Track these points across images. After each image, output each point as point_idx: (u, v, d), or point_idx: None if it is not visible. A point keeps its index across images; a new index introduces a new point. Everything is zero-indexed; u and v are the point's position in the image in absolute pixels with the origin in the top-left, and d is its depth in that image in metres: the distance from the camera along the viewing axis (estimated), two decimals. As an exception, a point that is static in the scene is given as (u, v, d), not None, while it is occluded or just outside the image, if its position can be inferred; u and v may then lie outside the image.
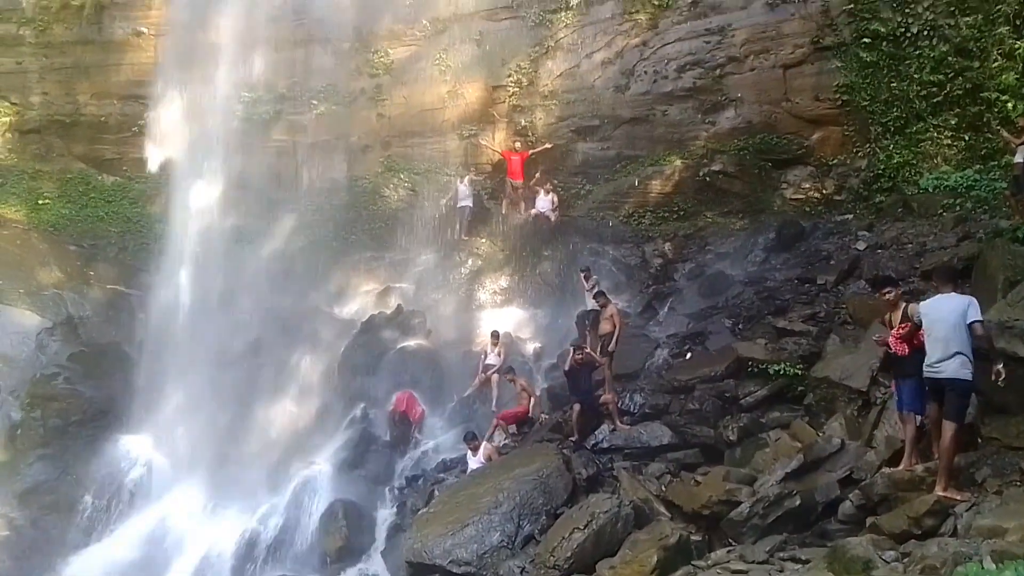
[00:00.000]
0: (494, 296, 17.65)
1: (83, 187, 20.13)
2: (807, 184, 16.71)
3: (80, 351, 16.58)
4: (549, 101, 18.52)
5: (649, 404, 11.84)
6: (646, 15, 17.73)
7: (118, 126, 20.30)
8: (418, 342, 16.33)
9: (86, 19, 20.15)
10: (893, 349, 8.02)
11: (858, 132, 16.32)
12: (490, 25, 18.91)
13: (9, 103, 20.49)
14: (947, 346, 7.23)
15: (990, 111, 14.85)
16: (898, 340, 7.92)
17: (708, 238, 16.95)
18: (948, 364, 7.20)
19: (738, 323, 13.40)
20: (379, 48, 19.39)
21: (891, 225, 14.74)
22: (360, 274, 18.47)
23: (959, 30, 15.29)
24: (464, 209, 18.29)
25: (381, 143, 19.65)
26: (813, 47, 16.51)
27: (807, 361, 11.31)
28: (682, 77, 17.46)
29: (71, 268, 18.13)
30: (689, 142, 17.54)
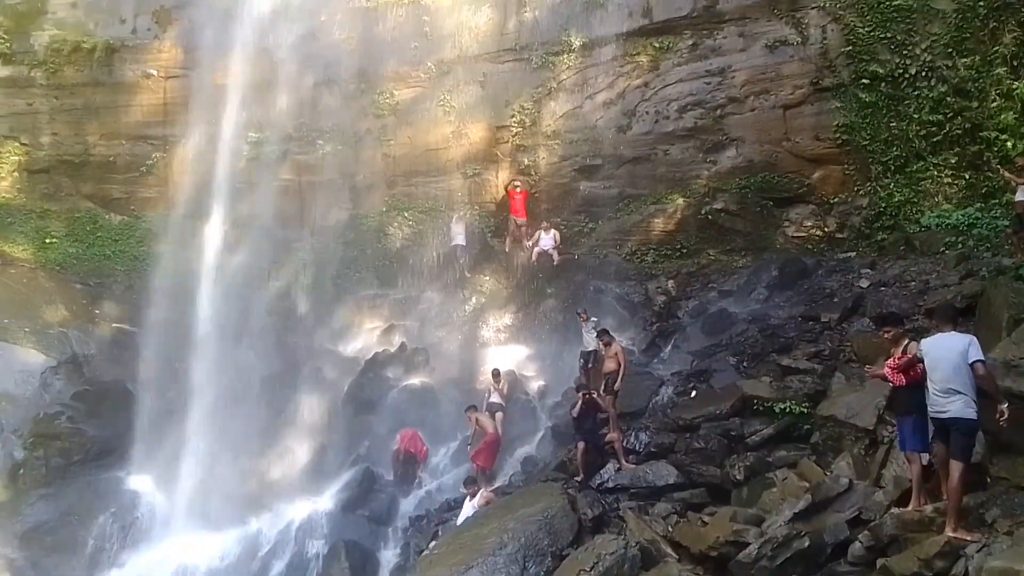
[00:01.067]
0: (498, 333, 17.66)
1: (90, 226, 20.33)
2: (809, 222, 16.83)
3: (84, 389, 16.56)
4: (552, 141, 18.75)
5: (654, 443, 11.76)
6: (647, 57, 18.02)
7: (126, 166, 20.56)
8: (421, 380, 16.33)
9: (97, 62, 20.51)
10: (890, 379, 8.00)
11: (859, 171, 16.48)
12: (494, 67, 19.23)
13: (19, 143, 20.79)
14: (950, 386, 7.20)
15: (990, 150, 15.01)
16: (894, 371, 7.90)
17: (711, 275, 17.00)
18: (952, 404, 7.17)
19: (742, 361, 13.36)
20: (385, 90, 19.71)
21: (894, 263, 14.79)
22: (364, 312, 18.52)
23: (957, 71, 15.52)
24: (456, 248, 18.42)
25: (386, 182, 19.88)
26: (812, 88, 16.75)
27: (812, 399, 11.25)
28: (683, 117, 17.70)
29: (77, 306, 18.21)
30: (691, 181, 17.72)
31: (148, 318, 17.96)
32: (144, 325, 17.95)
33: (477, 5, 19.37)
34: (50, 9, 21.10)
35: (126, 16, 20.77)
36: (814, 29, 16.71)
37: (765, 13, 17.08)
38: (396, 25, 19.69)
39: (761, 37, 17.10)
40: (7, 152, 20.70)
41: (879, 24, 16.14)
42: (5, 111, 20.84)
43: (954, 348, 7.30)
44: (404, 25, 19.63)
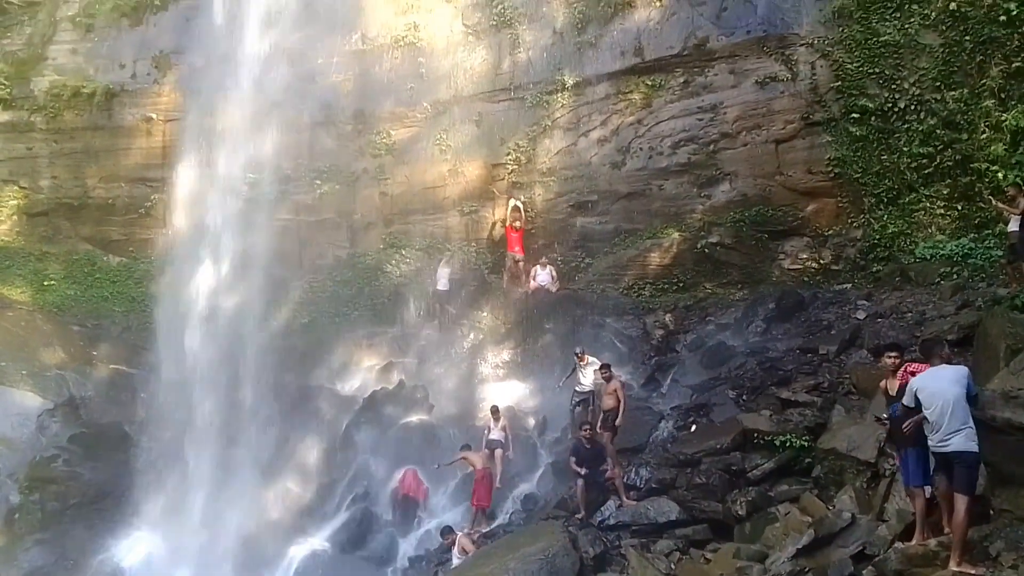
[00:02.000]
0: (496, 370, 17.62)
1: (89, 268, 20.40)
2: (804, 254, 16.92)
3: (81, 432, 16.49)
4: (547, 178, 18.93)
5: (655, 478, 11.70)
6: (640, 95, 18.27)
7: (125, 208, 20.70)
8: (420, 417, 16.25)
9: (97, 106, 20.73)
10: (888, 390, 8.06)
11: (852, 203, 16.62)
12: (489, 106, 19.48)
13: (19, 187, 20.97)
14: (950, 419, 7.19)
15: (981, 181, 15.16)
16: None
17: (708, 309, 17.03)
18: (953, 437, 7.16)
19: (742, 394, 13.34)
20: (381, 129, 19.92)
21: (890, 294, 14.85)
22: (362, 349, 18.49)
23: (946, 104, 15.75)
24: (442, 293, 18.48)
25: (383, 220, 20.01)
26: (803, 123, 16.96)
27: (813, 432, 11.24)
28: (677, 153, 17.89)
29: (74, 348, 18.20)
30: (686, 215, 17.85)
31: (146, 359, 17.95)
32: (142, 366, 17.93)
33: (472, 47, 19.68)
34: (51, 55, 21.43)
35: (126, 61, 21.06)
36: (803, 65, 16.97)
37: (754, 51, 17.36)
38: (392, 67, 19.98)
39: (751, 74, 17.36)
40: (6, 196, 20.86)
41: (867, 60, 16.40)
42: (5, 155, 21.04)
43: (952, 380, 7.31)
44: (400, 67, 19.92)
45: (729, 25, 17.61)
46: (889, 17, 16.35)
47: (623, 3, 18.52)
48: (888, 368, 8.31)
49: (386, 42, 20.03)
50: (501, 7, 19.44)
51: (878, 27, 16.36)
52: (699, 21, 17.88)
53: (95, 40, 21.35)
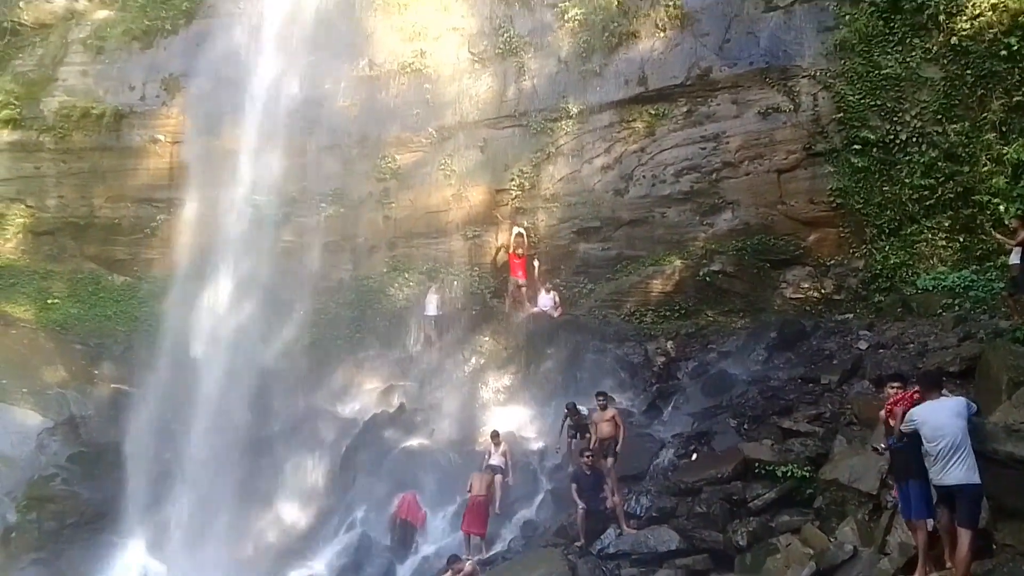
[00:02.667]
0: (497, 394, 17.59)
1: (93, 287, 20.48)
2: (806, 284, 16.95)
3: (80, 451, 16.48)
4: (551, 204, 19.04)
5: (656, 507, 11.65)
6: (643, 123, 18.43)
7: (131, 228, 20.84)
8: (420, 442, 16.20)
9: (105, 127, 20.93)
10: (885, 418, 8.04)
11: (853, 233, 16.68)
12: (494, 132, 19.65)
13: (25, 206, 21.12)
14: (951, 452, 7.19)
15: (982, 213, 15.20)
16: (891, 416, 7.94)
17: (710, 336, 17.04)
18: (955, 470, 7.15)
19: (743, 423, 13.30)
20: (387, 154, 20.08)
21: (892, 325, 14.85)
22: (364, 372, 18.50)
23: (947, 137, 15.85)
24: (431, 319, 18.51)
25: (387, 243, 20.10)
26: (805, 153, 17.06)
27: (815, 463, 11.19)
28: (679, 181, 18.00)
29: (76, 367, 18.23)
30: (688, 243, 17.92)
31: (147, 379, 17.95)
32: (143, 386, 17.92)
33: (477, 74, 19.89)
34: (61, 76, 21.69)
35: (136, 84, 21.30)
36: (805, 97, 17.13)
37: (757, 82, 17.53)
38: (399, 93, 20.19)
39: (754, 104, 17.52)
40: (13, 214, 21.01)
41: (868, 92, 16.55)
42: (13, 174, 21.22)
43: (952, 412, 7.31)
44: (407, 93, 20.13)
45: (732, 56, 17.80)
46: (890, 50, 16.50)
47: (627, 33, 18.75)
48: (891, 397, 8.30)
49: (393, 68, 20.25)
50: (507, 36, 19.69)
51: (879, 60, 16.52)
52: (702, 52, 18.08)
53: (106, 62, 21.61)
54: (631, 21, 18.77)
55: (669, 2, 18.48)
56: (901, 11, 16.42)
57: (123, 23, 21.66)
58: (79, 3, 22.34)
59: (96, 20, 22.13)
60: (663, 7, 18.52)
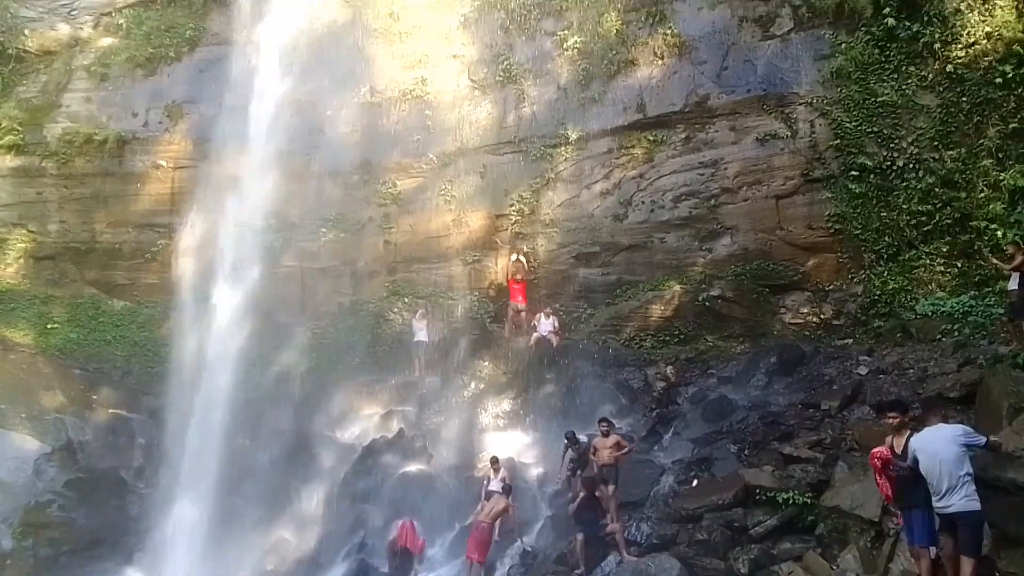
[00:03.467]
0: (496, 420, 17.52)
1: (92, 311, 20.44)
2: (805, 309, 17.00)
3: (77, 477, 16.31)
4: (550, 229, 19.13)
5: (656, 534, 11.58)
6: (642, 149, 18.57)
7: (132, 253, 20.84)
8: (419, 467, 16.07)
9: (108, 153, 20.96)
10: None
11: (852, 259, 16.75)
12: (493, 158, 19.78)
13: (27, 231, 21.13)
14: (951, 479, 7.18)
15: (980, 239, 15.31)
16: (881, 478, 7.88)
17: (710, 362, 17.04)
18: (954, 498, 7.14)
19: (744, 449, 13.27)
20: (387, 180, 20.19)
21: (891, 350, 14.86)
22: (363, 397, 18.42)
23: (944, 163, 15.99)
24: (420, 344, 18.49)
25: (387, 268, 20.14)
26: (803, 179, 17.21)
27: (816, 489, 11.14)
28: (678, 207, 18.11)
29: (75, 392, 18.15)
30: (687, 268, 17.98)
31: (145, 404, 17.91)
32: (141, 411, 17.87)
33: (477, 101, 20.07)
34: (64, 103, 21.79)
35: (139, 110, 21.41)
36: (802, 123, 17.30)
37: (755, 109, 17.71)
38: (400, 119, 20.35)
39: (752, 131, 17.68)
40: (15, 239, 21.01)
41: (865, 119, 16.72)
42: (15, 200, 21.25)
43: (950, 439, 7.30)
44: (407, 119, 20.29)
45: (730, 84, 18.00)
46: (886, 78, 16.71)
47: (626, 61, 18.96)
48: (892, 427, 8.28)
49: (394, 95, 20.42)
50: (507, 64, 19.90)
51: (876, 88, 16.72)
52: (700, 79, 18.28)
53: (109, 89, 21.73)
54: (629, 49, 18.99)
55: (667, 31, 18.73)
56: (896, 40, 16.66)
57: (127, 50, 21.83)
58: (83, 31, 22.53)
59: (100, 47, 22.30)
60: (661, 36, 18.76)
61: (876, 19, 16.81)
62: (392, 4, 20.84)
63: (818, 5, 17.53)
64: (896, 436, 8.17)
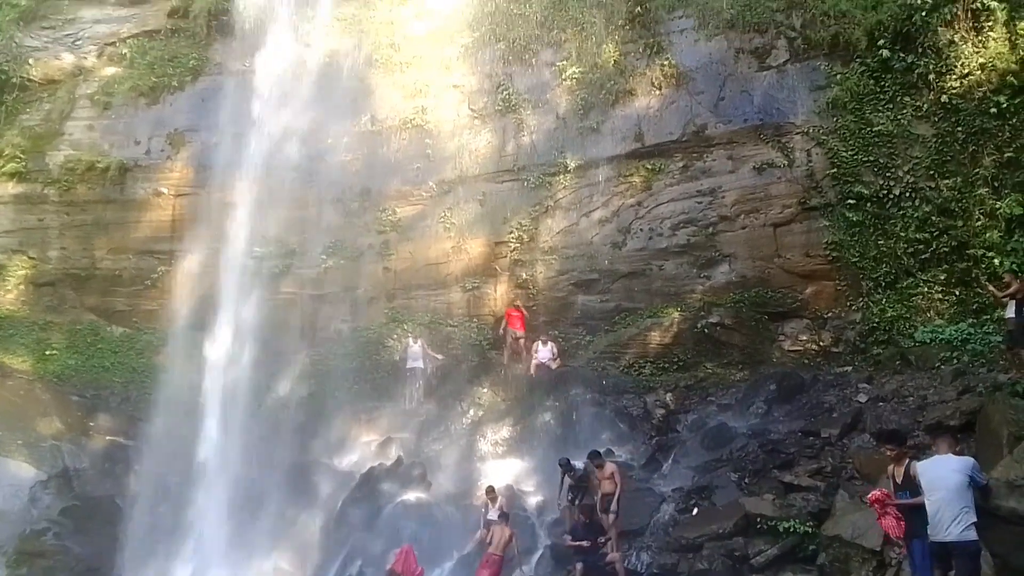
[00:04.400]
0: (495, 447, 17.43)
1: (91, 338, 20.42)
2: (804, 336, 17.03)
3: (73, 505, 16.19)
4: (549, 256, 19.20)
5: (657, 563, 11.52)
6: (640, 178, 18.72)
7: (131, 279, 20.87)
8: (417, 495, 15.97)
9: (110, 180, 21.08)
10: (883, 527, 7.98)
11: (850, 286, 16.82)
12: (493, 186, 19.91)
13: (27, 257, 21.19)
14: (950, 509, 7.19)
15: (977, 267, 15.39)
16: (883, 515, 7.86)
17: (709, 389, 17.01)
18: (952, 526, 7.14)
19: (744, 477, 13.21)
20: (387, 207, 20.29)
21: (891, 378, 14.86)
22: (361, 424, 18.35)
23: (940, 192, 16.13)
24: (415, 370, 18.46)
25: (386, 295, 20.17)
26: (801, 207, 17.33)
27: (817, 518, 11.09)
28: (676, 234, 18.22)
29: (72, 419, 18.05)
30: (686, 295, 18.04)
31: (143, 431, 17.80)
32: (138, 438, 17.77)
33: (477, 130, 20.25)
34: (67, 131, 21.97)
35: (141, 138, 21.58)
36: (799, 152, 17.47)
37: (752, 138, 17.89)
38: (400, 147, 20.51)
39: (749, 160, 17.85)
40: (15, 265, 21.07)
41: (861, 148, 16.89)
42: (16, 226, 21.35)
43: (955, 469, 7.31)
44: (408, 147, 20.45)
45: (727, 113, 18.21)
46: (882, 108, 16.91)
47: (624, 91, 19.18)
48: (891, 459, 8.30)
49: (394, 124, 20.60)
50: (506, 93, 20.11)
51: (871, 118, 16.91)
52: (697, 109, 18.49)
53: (112, 117, 21.92)
54: (627, 79, 19.22)
55: (664, 62, 18.97)
56: (891, 71, 16.88)
57: (130, 79, 22.04)
58: (87, 60, 22.78)
59: (104, 77, 22.52)
60: (658, 66, 19.00)
61: (871, 51, 17.05)
62: (393, 35, 21.13)
63: (813, 37, 17.80)
64: (896, 466, 8.17)
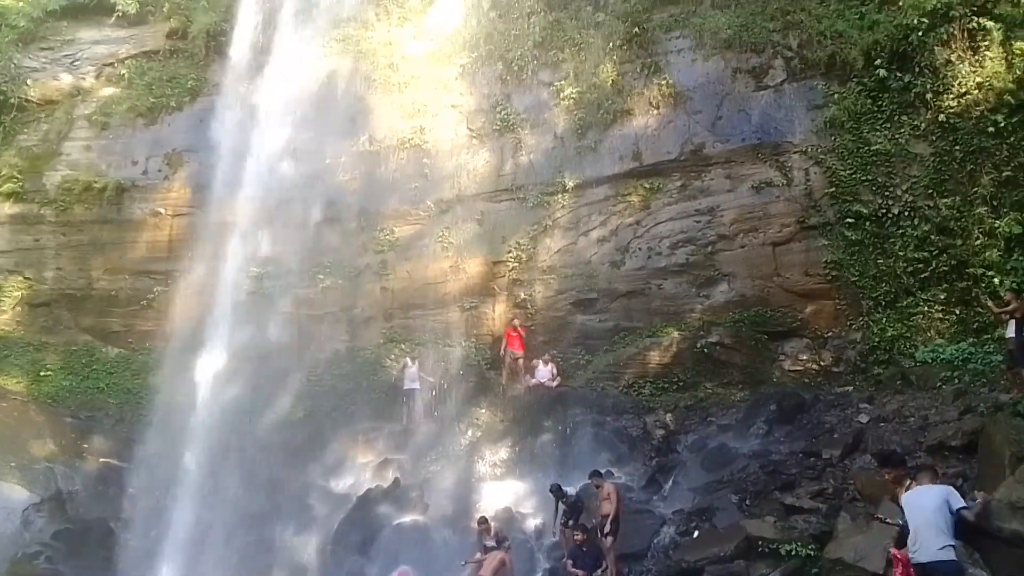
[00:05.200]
0: (493, 468, 17.27)
1: (87, 359, 20.29)
2: (804, 356, 16.93)
3: (65, 528, 15.98)
4: (548, 275, 19.14)
5: (657, 587, 11.33)
6: (638, 197, 18.70)
7: (128, 300, 20.76)
8: (414, 518, 15.79)
9: (107, 200, 21.03)
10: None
11: (850, 306, 16.75)
12: (491, 206, 19.88)
13: (23, 277, 21.09)
14: (926, 533, 7.24)
15: (977, 286, 15.34)
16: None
17: (709, 409, 16.88)
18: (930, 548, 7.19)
19: (745, 499, 13.07)
20: (385, 226, 20.22)
21: (892, 398, 14.75)
22: (358, 445, 18.18)
23: (939, 211, 16.10)
24: (411, 392, 18.33)
25: (384, 315, 20.07)
26: (799, 226, 17.30)
27: (819, 540, 10.93)
28: (675, 253, 18.17)
29: (65, 440, 17.88)
30: (685, 314, 17.96)
31: (137, 453, 17.63)
32: (132, 460, 17.58)
33: (475, 149, 20.25)
34: (65, 151, 21.97)
35: (139, 158, 21.57)
36: (797, 172, 17.47)
37: (750, 157, 17.90)
38: (398, 167, 20.47)
39: (747, 179, 17.84)
40: (10, 286, 20.96)
41: (859, 167, 16.88)
42: (12, 246, 21.28)
43: (934, 496, 7.41)
44: (406, 167, 20.42)
45: (724, 133, 18.22)
46: (879, 127, 16.92)
47: (622, 111, 19.21)
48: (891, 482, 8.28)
49: (393, 144, 20.58)
50: (504, 113, 20.13)
51: (869, 137, 16.92)
52: (695, 128, 18.51)
53: (110, 137, 21.91)
54: (625, 99, 19.25)
55: (662, 81, 19.02)
56: (888, 90, 16.92)
57: (129, 100, 22.07)
58: (86, 81, 22.84)
59: (102, 97, 22.56)
60: (656, 86, 19.05)
61: (868, 70, 17.10)
62: (392, 55, 21.18)
63: (810, 57, 17.86)
64: (900, 489, 8.12)
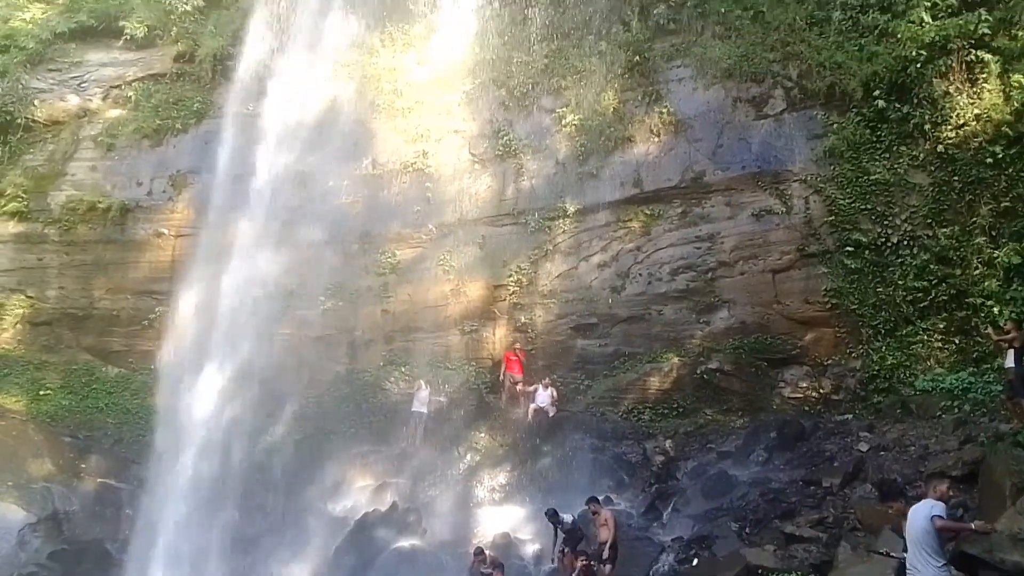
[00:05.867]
0: (492, 493, 17.22)
1: (86, 378, 20.28)
2: (804, 383, 16.94)
3: (62, 549, 15.91)
4: (548, 300, 19.19)
5: (656, 616, 11.25)
6: (639, 223, 18.81)
7: (129, 319, 20.80)
8: (412, 542, 15.70)
9: (111, 221, 21.12)
10: None
11: (850, 334, 16.79)
12: (492, 230, 19.97)
13: (25, 296, 21.14)
14: (917, 547, 7.43)
15: (977, 315, 15.38)
16: None
17: (709, 436, 16.87)
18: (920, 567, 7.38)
19: (745, 527, 13.01)
20: (387, 249, 20.30)
21: (892, 426, 14.75)
22: (356, 468, 18.11)
23: (938, 240, 16.19)
24: (418, 415, 18.29)
25: (384, 337, 20.08)
26: (799, 254, 17.38)
27: (819, 570, 10.87)
28: (675, 279, 18.24)
29: (63, 460, 17.85)
30: (685, 340, 17.98)
31: (134, 473, 17.59)
32: (130, 481, 17.54)
33: (477, 174, 20.38)
34: (70, 171, 22.09)
35: (143, 179, 21.68)
36: (797, 200, 17.58)
37: (750, 185, 18.02)
38: (400, 190, 20.59)
39: (747, 206, 17.95)
40: (12, 305, 21.01)
41: (859, 196, 16.99)
42: (15, 265, 21.35)
43: (923, 513, 7.55)
44: (408, 190, 20.52)
45: (725, 161, 18.36)
46: (878, 157, 17.06)
47: (623, 138, 19.36)
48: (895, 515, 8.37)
49: (395, 168, 20.70)
50: (507, 139, 20.29)
51: (868, 166, 17.05)
52: (696, 156, 18.66)
53: (115, 158, 22.04)
54: (626, 126, 19.42)
55: (663, 109, 19.20)
56: (887, 121, 17.08)
57: (134, 122, 22.24)
58: (92, 102, 23.01)
59: (108, 118, 22.72)
60: (657, 114, 19.22)
61: (867, 101, 17.26)
62: (396, 81, 21.39)
63: (810, 87, 18.04)
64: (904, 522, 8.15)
